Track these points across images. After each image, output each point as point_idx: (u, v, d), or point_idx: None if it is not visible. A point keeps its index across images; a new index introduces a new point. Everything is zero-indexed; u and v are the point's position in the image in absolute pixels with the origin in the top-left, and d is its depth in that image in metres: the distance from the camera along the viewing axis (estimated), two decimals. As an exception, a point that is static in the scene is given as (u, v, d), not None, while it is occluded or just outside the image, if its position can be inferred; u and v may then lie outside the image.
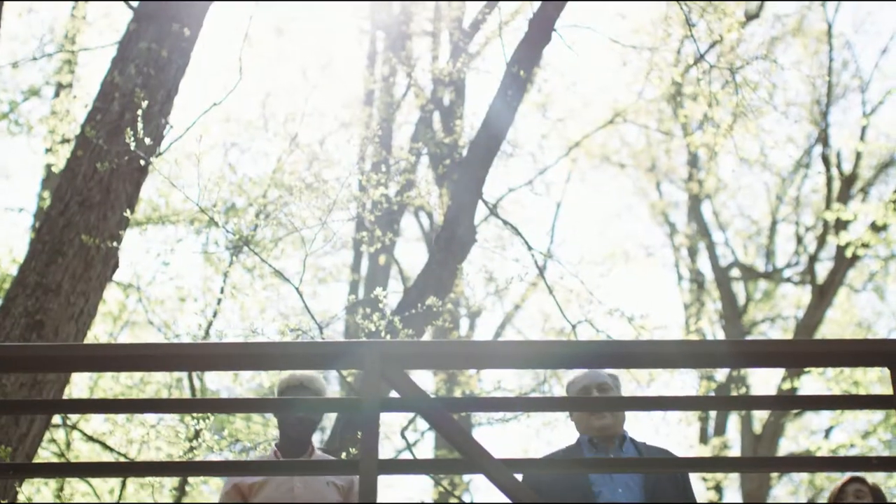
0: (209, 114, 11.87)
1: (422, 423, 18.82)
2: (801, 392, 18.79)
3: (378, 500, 5.14)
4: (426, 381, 18.94)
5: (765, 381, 23.80)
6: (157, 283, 16.66)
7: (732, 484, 23.26)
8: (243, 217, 12.32)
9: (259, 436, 13.04)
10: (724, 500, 22.92)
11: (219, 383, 18.44)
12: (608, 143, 24.15)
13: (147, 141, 9.41)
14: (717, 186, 24.28)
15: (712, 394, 13.47)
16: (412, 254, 32.54)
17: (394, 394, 5.09)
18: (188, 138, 10.85)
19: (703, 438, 24.09)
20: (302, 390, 6.61)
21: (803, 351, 5.78)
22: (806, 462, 5.94)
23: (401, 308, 9.49)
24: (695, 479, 6.42)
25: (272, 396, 6.73)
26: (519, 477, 4.98)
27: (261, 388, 16.13)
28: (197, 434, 10.31)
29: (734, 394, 14.88)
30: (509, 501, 4.84)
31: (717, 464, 6.00)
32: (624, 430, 6.22)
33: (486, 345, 6.61)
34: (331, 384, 17.73)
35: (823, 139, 23.16)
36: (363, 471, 4.86)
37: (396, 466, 5.48)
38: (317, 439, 8.59)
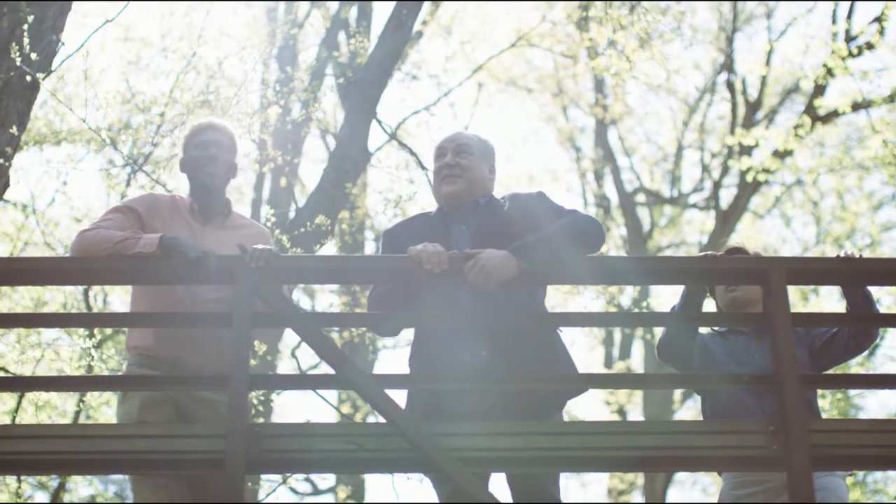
0: (106, 33, 11.71)
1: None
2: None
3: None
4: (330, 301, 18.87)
5: (663, 305, 23.97)
6: (56, 205, 16.45)
7: (636, 407, 23.52)
8: (137, 136, 12.17)
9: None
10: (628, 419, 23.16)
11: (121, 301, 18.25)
12: (514, 67, 24.05)
13: (34, 57, 9.25)
14: (624, 112, 24.30)
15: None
16: (319, 176, 32.28)
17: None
18: (84, 57, 10.69)
19: (609, 363, 24.34)
20: (210, 130, 6.20)
21: (685, 268, 5.93)
22: (683, 379, 5.99)
23: (292, 227, 9.46)
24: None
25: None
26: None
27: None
28: (90, 353, 10.24)
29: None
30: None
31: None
32: (489, 195, 5.98)
33: (359, 260, 6.61)
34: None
35: (729, 66, 23.28)
36: (233, 386, 4.85)
37: (267, 382, 5.47)
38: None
